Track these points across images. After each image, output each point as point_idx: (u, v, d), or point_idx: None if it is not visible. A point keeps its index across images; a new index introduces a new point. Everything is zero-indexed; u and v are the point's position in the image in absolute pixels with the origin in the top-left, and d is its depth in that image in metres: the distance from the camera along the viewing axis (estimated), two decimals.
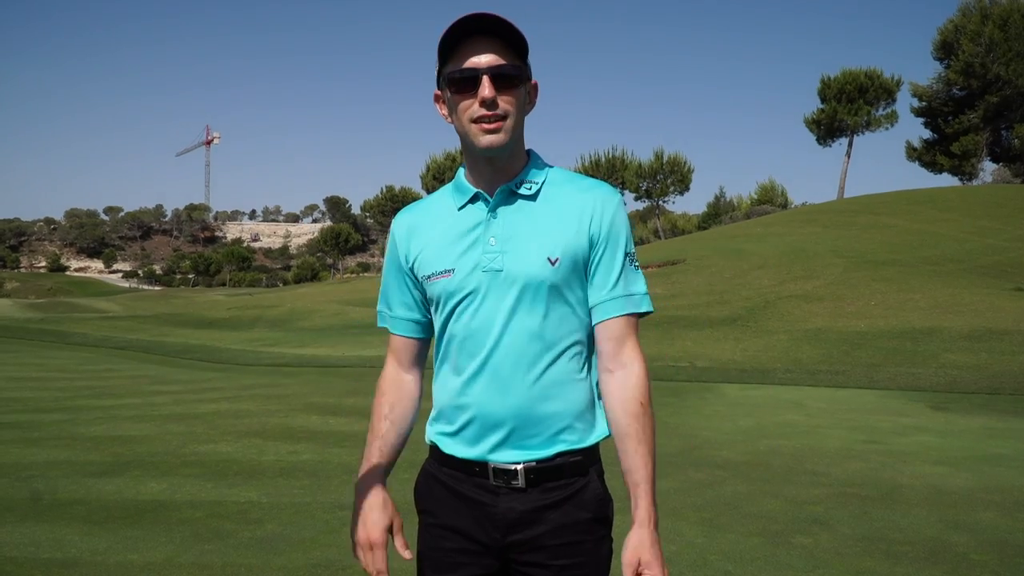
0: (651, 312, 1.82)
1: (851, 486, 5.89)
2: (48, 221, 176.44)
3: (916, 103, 54.08)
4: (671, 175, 61.31)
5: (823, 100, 56.79)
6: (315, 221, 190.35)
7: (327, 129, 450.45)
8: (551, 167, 1.88)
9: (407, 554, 1.81)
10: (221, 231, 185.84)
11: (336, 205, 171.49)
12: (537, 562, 1.75)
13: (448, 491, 1.82)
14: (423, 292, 1.88)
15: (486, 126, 1.71)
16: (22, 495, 5.41)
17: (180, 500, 5.34)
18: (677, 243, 35.71)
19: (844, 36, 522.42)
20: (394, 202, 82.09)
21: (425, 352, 1.98)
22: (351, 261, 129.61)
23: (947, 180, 54.65)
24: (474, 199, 1.82)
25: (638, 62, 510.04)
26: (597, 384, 1.83)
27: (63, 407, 9.29)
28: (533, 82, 1.82)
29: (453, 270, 1.78)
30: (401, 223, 1.92)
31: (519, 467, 1.74)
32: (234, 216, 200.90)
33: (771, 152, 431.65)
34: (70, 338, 21.34)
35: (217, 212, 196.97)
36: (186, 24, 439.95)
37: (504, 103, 1.71)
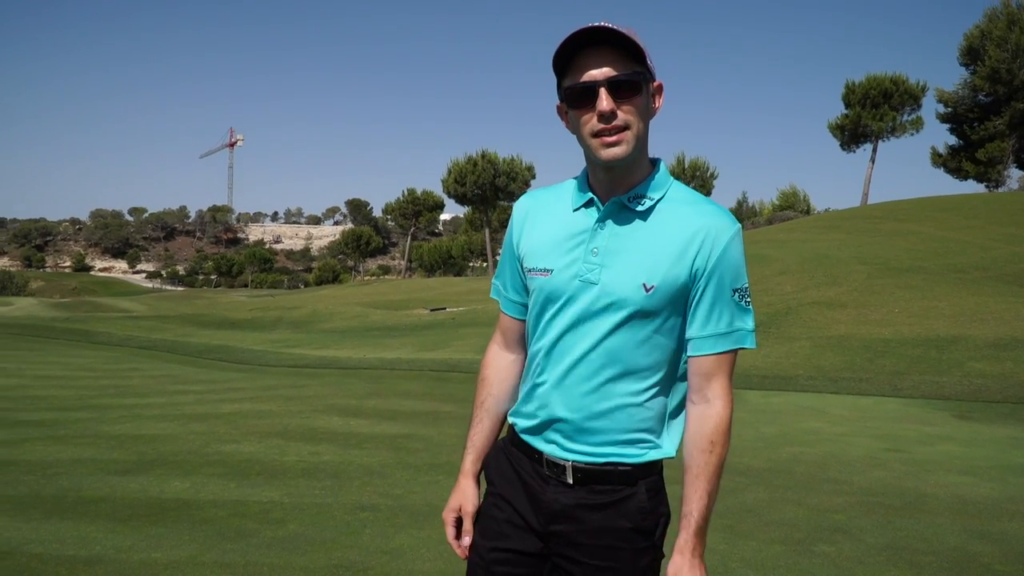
0: (753, 348, 1.81)
1: (874, 495, 5.85)
2: (73, 221, 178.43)
3: (941, 109, 53.48)
4: (693, 180, 61.13)
5: (847, 105, 56.36)
6: (336, 223, 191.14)
7: (349, 132, 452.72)
8: (676, 184, 1.85)
9: (466, 540, 1.97)
10: (243, 233, 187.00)
11: (358, 208, 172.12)
12: (573, 557, 1.81)
13: (511, 467, 1.92)
14: (526, 281, 1.94)
15: (606, 139, 1.70)
16: (48, 492, 5.48)
17: (203, 499, 5.38)
18: None
19: (869, 41, 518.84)
20: (415, 205, 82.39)
21: None
22: (372, 263, 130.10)
23: (972, 187, 54.07)
24: (588, 204, 1.83)
25: (659, 66, 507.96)
26: (673, 408, 1.85)
27: (88, 406, 9.39)
28: (657, 83, 1.80)
29: (552, 271, 1.81)
30: (521, 208, 1.96)
31: (568, 464, 1.80)
32: (256, 218, 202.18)
33: (794, 157, 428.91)
34: (95, 337, 21.55)
35: (240, 214, 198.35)
36: (211, 28, 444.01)
37: (624, 113, 1.69)
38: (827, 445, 7.71)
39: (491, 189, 65.63)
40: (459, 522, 1.99)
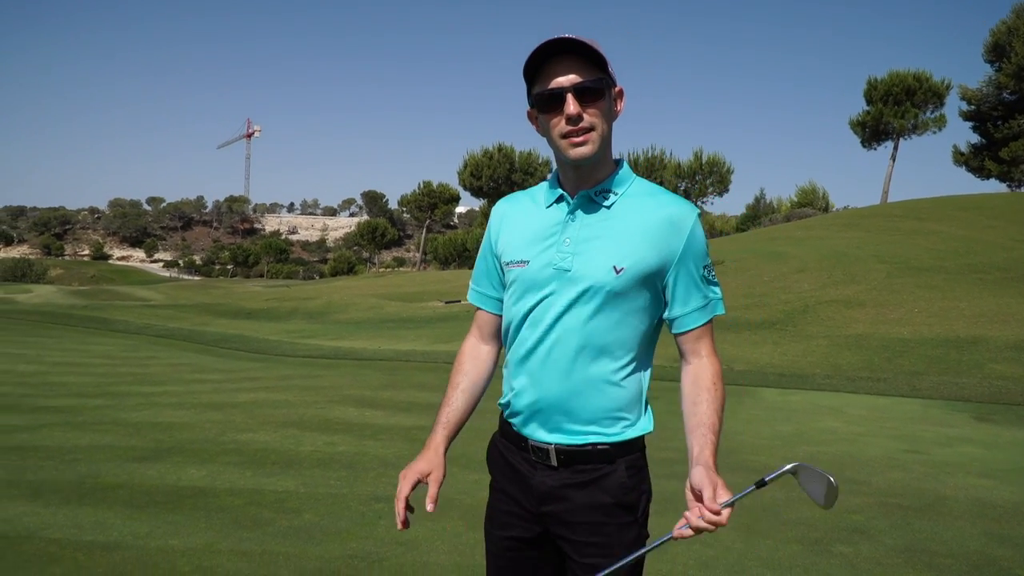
0: (723, 314, 2.02)
1: (893, 496, 5.80)
2: (92, 210, 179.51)
3: (965, 107, 52.82)
4: (710, 175, 60.80)
5: (869, 102, 55.76)
6: (352, 215, 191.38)
7: (366, 124, 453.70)
8: (638, 179, 2.02)
9: (429, 506, 1.99)
10: (260, 223, 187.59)
11: (373, 199, 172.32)
12: (564, 535, 1.96)
13: (504, 459, 2.07)
14: (504, 275, 2.10)
15: (574, 140, 1.88)
16: (66, 478, 5.51)
17: (220, 487, 5.41)
18: (715, 244, 35.41)
19: (892, 37, 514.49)
20: (431, 197, 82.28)
21: None
22: (387, 255, 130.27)
23: (995, 186, 53.50)
24: (559, 200, 2.01)
25: (678, 61, 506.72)
26: (647, 386, 2.01)
27: (106, 393, 9.45)
28: (618, 88, 1.96)
29: (528, 262, 1.97)
30: (498, 211, 2.15)
31: (551, 447, 1.94)
32: (273, 209, 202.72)
33: (813, 154, 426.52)
34: (113, 325, 21.70)
35: (256, 204, 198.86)
36: (229, 20, 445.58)
37: (590, 116, 1.86)
38: (844, 445, 7.66)
39: (507, 183, 65.50)
40: (415, 486, 2.02)
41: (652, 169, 62.75)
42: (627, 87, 2.00)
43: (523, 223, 2.04)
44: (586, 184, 1.96)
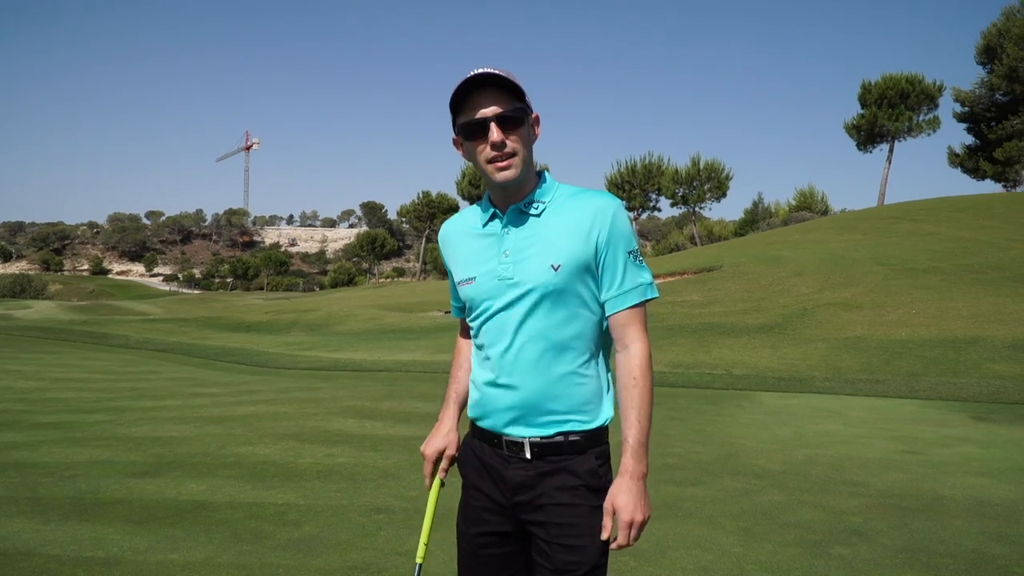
0: (656, 297, 2.10)
1: (891, 497, 5.81)
2: (91, 225, 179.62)
3: (959, 108, 53.09)
4: (708, 181, 60.95)
5: (863, 105, 56.03)
6: (351, 226, 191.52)
7: (364, 135, 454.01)
8: (561, 186, 2.17)
9: (441, 474, 2.28)
10: (259, 236, 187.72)
11: (372, 210, 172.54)
12: (537, 520, 2.05)
13: (476, 458, 2.17)
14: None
15: (499, 164, 2.03)
16: (66, 494, 5.52)
17: (219, 501, 5.41)
18: (713, 250, 35.45)
19: (885, 41, 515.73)
20: (430, 207, 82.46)
21: None
22: (387, 266, 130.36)
23: (990, 187, 53.62)
24: (492, 218, 2.16)
25: (675, 67, 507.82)
26: (607, 375, 2.12)
27: (105, 408, 9.46)
28: (534, 115, 2.12)
29: (475, 278, 2.12)
30: (442, 236, 2.31)
31: (526, 441, 2.06)
32: (272, 221, 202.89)
33: (810, 158, 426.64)
34: (112, 340, 21.71)
35: (255, 217, 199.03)
36: (227, 32, 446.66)
37: (511, 142, 2.02)
38: (843, 447, 7.67)
39: None
40: (438, 461, 2.29)
41: (650, 175, 62.82)
42: (624, 93, 2.10)
43: (465, 245, 2.19)
44: (515, 199, 2.10)
